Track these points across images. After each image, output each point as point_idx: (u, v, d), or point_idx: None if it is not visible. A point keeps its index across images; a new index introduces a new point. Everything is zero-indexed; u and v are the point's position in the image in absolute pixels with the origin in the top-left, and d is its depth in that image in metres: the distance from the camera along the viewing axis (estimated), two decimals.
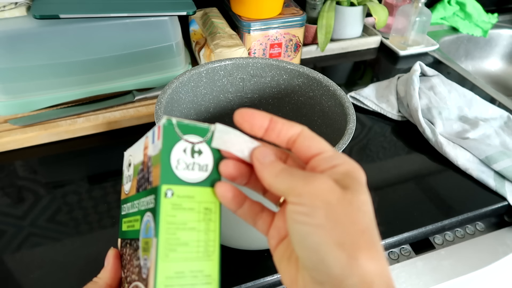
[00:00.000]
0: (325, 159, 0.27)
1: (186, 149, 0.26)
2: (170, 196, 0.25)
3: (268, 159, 0.28)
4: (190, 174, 0.26)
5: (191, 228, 0.26)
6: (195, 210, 0.26)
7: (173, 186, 0.26)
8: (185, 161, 0.26)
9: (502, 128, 0.73)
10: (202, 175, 0.27)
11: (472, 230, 0.61)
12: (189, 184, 0.26)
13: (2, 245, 0.51)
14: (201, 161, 0.27)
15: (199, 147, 0.27)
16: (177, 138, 0.26)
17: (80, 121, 0.67)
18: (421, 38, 0.96)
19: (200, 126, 0.27)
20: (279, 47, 0.83)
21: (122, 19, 0.64)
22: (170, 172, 0.26)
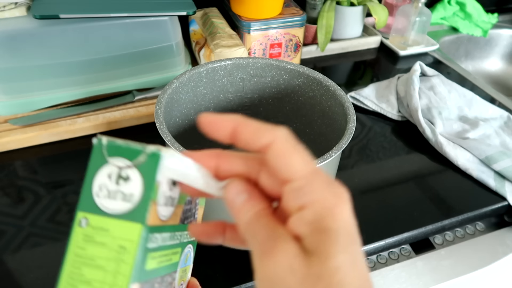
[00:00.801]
0: (293, 194, 0.21)
1: (111, 174, 0.22)
2: (84, 225, 0.22)
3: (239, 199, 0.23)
4: (110, 204, 0.22)
5: (98, 266, 0.22)
6: (107, 246, 0.22)
7: (89, 215, 0.22)
8: (108, 187, 0.22)
9: (502, 128, 0.73)
10: (124, 206, 0.22)
11: (472, 230, 0.61)
12: (106, 214, 0.22)
13: (2, 245, 0.51)
14: (126, 189, 0.22)
15: (127, 173, 0.22)
16: (103, 160, 0.23)
17: (80, 121, 0.67)
18: (421, 38, 0.96)
19: (132, 147, 0.23)
20: (279, 47, 0.83)
21: (122, 19, 0.64)
22: (90, 199, 0.22)
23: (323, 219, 0.20)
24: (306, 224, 0.20)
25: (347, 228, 0.21)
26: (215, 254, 0.51)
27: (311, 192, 0.21)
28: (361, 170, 0.65)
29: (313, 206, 0.20)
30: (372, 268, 0.55)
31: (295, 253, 0.20)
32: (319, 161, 0.41)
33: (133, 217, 0.22)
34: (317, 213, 0.20)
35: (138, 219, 0.22)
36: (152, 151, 0.22)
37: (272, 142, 0.22)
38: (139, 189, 0.22)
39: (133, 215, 0.22)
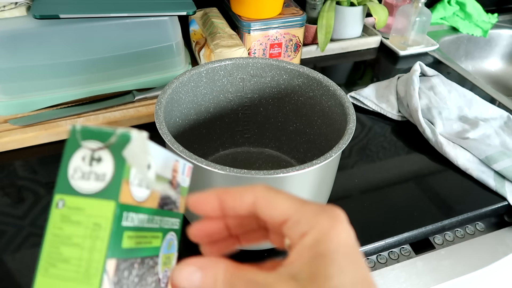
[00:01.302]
0: (293, 229, 0.22)
1: (85, 157, 0.24)
2: (61, 206, 0.23)
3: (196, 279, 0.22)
4: (84, 184, 0.23)
5: (75, 244, 0.23)
6: (82, 224, 0.23)
7: (66, 196, 0.23)
8: (82, 169, 0.24)
9: (502, 128, 0.73)
10: (97, 185, 0.23)
11: (472, 230, 0.61)
12: (81, 195, 0.23)
13: (2, 245, 0.51)
14: (98, 170, 0.24)
15: (99, 154, 0.24)
16: (77, 145, 0.24)
17: (80, 121, 0.67)
18: (421, 38, 0.96)
19: (103, 130, 0.24)
20: (279, 47, 0.83)
21: (122, 19, 0.64)
22: (66, 181, 0.24)
23: (320, 243, 0.21)
24: (306, 251, 0.21)
25: (346, 249, 0.21)
26: None
27: (308, 221, 0.21)
28: (361, 170, 0.65)
29: (311, 232, 0.21)
30: (372, 268, 0.55)
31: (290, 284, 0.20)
32: (319, 161, 0.41)
33: (106, 195, 0.23)
34: (316, 238, 0.21)
35: (111, 196, 0.23)
36: (122, 132, 0.23)
37: (255, 199, 0.23)
38: (111, 169, 0.23)
39: (105, 193, 0.23)
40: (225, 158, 0.63)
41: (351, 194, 0.61)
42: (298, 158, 0.63)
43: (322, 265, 0.20)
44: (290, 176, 0.41)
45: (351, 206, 0.59)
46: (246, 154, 0.64)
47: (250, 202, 0.23)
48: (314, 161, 0.41)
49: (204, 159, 0.41)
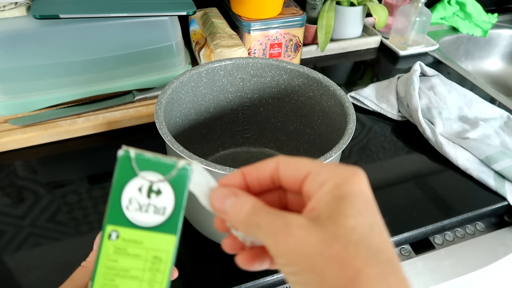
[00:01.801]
0: (313, 180, 0.23)
1: (142, 188, 0.23)
2: (115, 238, 0.23)
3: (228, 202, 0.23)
4: (142, 217, 0.23)
5: (133, 277, 0.23)
6: (141, 258, 0.23)
7: (120, 228, 0.23)
8: (138, 201, 0.23)
9: (502, 128, 0.73)
10: (157, 219, 0.23)
11: (472, 230, 0.61)
12: (139, 227, 0.23)
13: (2, 245, 0.51)
14: (158, 203, 0.23)
15: (158, 187, 0.23)
16: (132, 173, 0.23)
17: (80, 121, 0.67)
18: (421, 38, 0.96)
19: (163, 161, 0.23)
20: (279, 47, 0.83)
21: (122, 19, 0.64)
22: (119, 212, 0.23)
23: (341, 187, 0.22)
24: (326, 195, 0.22)
25: (364, 195, 0.22)
26: (215, 254, 0.51)
27: (327, 171, 0.22)
28: None
29: (331, 180, 0.22)
30: None
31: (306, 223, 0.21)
32: (319, 161, 0.41)
33: (166, 229, 0.23)
34: (336, 183, 0.22)
35: (171, 230, 0.23)
36: (183, 166, 0.23)
37: (277, 162, 0.24)
38: (171, 202, 0.23)
39: (166, 227, 0.23)
40: (225, 158, 0.63)
41: None
42: None
43: (341, 206, 0.21)
44: None
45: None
46: (246, 154, 0.64)
47: (273, 167, 0.24)
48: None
49: (204, 159, 0.41)
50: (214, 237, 0.51)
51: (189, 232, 0.53)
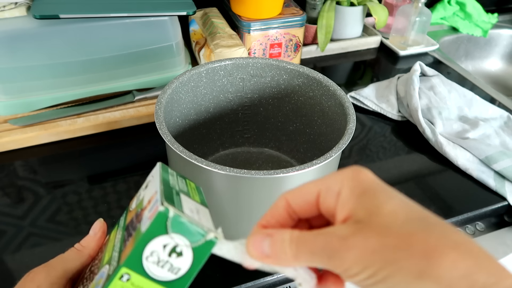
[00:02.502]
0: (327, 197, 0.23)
1: (167, 245, 0.24)
2: (125, 280, 0.24)
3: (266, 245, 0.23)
4: (157, 270, 0.25)
5: None
6: None
7: (133, 273, 0.24)
8: (159, 255, 0.24)
9: (502, 128, 0.73)
10: (169, 276, 0.25)
11: (472, 230, 0.61)
12: (150, 278, 0.25)
13: (2, 245, 0.51)
14: (175, 263, 0.25)
15: (182, 249, 0.24)
16: (163, 230, 0.24)
17: (80, 121, 0.67)
18: (421, 38, 0.96)
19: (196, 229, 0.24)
20: (279, 47, 0.83)
21: (122, 19, 0.64)
22: (138, 259, 0.24)
23: (356, 186, 0.22)
24: (349, 200, 0.22)
25: (377, 182, 0.23)
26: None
27: (335, 181, 0.23)
28: None
29: (344, 186, 0.23)
30: None
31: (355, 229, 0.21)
32: (319, 161, 0.41)
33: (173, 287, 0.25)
34: (350, 186, 0.22)
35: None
36: (210, 239, 0.24)
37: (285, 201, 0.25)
38: (187, 266, 0.25)
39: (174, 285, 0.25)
40: (225, 158, 0.63)
41: None
42: (298, 158, 0.63)
43: (370, 200, 0.22)
44: (290, 176, 0.41)
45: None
46: (246, 154, 0.64)
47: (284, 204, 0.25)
48: (314, 161, 0.41)
49: (204, 159, 0.41)
50: None
51: None
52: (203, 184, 0.44)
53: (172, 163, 0.48)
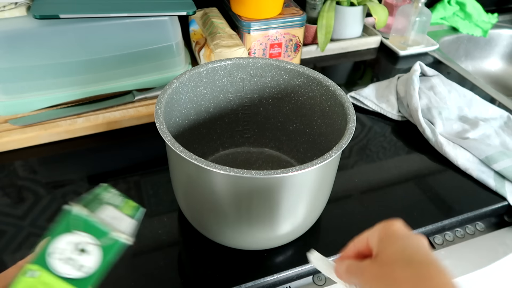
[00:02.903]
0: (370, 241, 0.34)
1: (71, 243, 0.26)
2: (32, 276, 0.25)
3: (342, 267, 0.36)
4: (61, 267, 0.25)
5: None
6: None
7: (40, 269, 0.25)
8: (65, 253, 0.25)
9: (502, 128, 0.73)
10: (75, 273, 0.26)
11: (472, 230, 0.61)
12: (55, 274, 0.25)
13: (2, 245, 0.51)
14: (80, 260, 0.26)
15: (87, 248, 0.26)
16: (68, 228, 0.26)
17: (80, 121, 0.67)
18: (421, 38, 0.96)
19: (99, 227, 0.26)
20: (279, 47, 0.83)
21: (122, 19, 0.64)
22: (43, 256, 0.25)
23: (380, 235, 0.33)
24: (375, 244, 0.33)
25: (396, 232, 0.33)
26: (215, 254, 0.51)
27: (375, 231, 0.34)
28: (361, 170, 0.65)
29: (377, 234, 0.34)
30: None
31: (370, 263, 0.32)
32: (319, 161, 0.41)
33: (80, 285, 0.26)
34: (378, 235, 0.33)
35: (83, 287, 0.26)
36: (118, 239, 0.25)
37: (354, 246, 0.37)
38: (94, 264, 0.26)
39: (80, 283, 0.25)
40: (225, 158, 0.63)
41: (351, 194, 0.60)
42: (298, 158, 0.63)
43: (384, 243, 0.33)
44: (290, 176, 0.41)
45: (351, 206, 0.59)
46: (246, 154, 0.64)
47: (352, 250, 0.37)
48: (314, 161, 0.41)
49: (204, 159, 0.41)
50: (214, 237, 0.51)
51: (189, 232, 0.53)
52: (203, 184, 0.44)
53: (172, 163, 0.48)
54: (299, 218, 0.49)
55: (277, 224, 0.47)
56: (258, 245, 0.51)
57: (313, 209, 0.50)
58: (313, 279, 0.52)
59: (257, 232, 0.47)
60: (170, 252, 0.52)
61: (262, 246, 0.51)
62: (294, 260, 0.51)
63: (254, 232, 0.47)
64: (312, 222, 0.52)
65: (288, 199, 0.44)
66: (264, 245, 0.51)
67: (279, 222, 0.47)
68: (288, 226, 0.48)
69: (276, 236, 0.49)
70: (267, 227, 0.47)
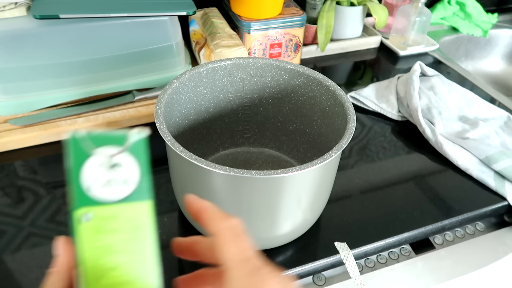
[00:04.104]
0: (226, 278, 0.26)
1: (102, 164, 0.23)
2: (87, 220, 0.23)
3: None
4: (109, 192, 0.23)
5: (117, 251, 0.23)
6: (121, 231, 0.23)
7: (91, 208, 0.23)
8: (101, 177, 0.23)
9: (502, 128, 0.73)
10: (125, 190, 0.23)
11: (472, 230, 0.61)
12: (109, 203, 0.23)
13: (2, 245, 0.51)
14: (122, 175, 0.23)
15: (117, 160, 0.23)
16: (87, 153, 0.23)
17: (80, 121, 0.67)
18: (421, 38, 0.96)
19: (115, 135, 0.23)
20: (279, 47, 0.83)
21: (122, 19, 0.64)
22: (83, 194, 0.23)
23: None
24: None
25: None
26: None
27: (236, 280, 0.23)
28: (361, 170, 0.65)
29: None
30: (372, 268, 0.54)
31: None
32: (319, 161, 0.41)
33: (137, 197, 0.23)
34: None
35: (143, 197, 0.23)
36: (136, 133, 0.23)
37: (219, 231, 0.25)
38: (136, 171, 0.23)
39: (136, 196, 0.23)
40: (225, 158, 0.63)
41: (351, 194, 0.60)
42: (298, 158, 0.63)
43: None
44: (290, 176, 0.41)
45: (351, 206, 0.59)
46: (246, 154, 0.64)
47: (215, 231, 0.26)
48: (314, 161, 0.41)
49: (204, 159, 0.41)
50: None
51: (189, 232, 0.53)
52: (203, 184, 0.44)
53: (172, 163, 0.48)
54: (299, 218, 0.49)
55: (277, 224, 0.47)
56: (258, 245, 0.51)
57: (313, 209, 0.50)
58: (313, 279, 0.52)
59: (257, 232, 0.47)
60: (170, 252, 0.52)
61: (262, 246, 0.51)
62: (294, 260, 0.51)
63: (254, 232, 0.47)
64: (312, 222, 0.52)
65: (288, 199, 0.44)
66: (264, 245, 0.51)
67: (279, 222, 0.47)
68: (288, 226, 0.48)
69: (276, 236, 0.49)
70: (267, 227, 0.47)
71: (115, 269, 0.23)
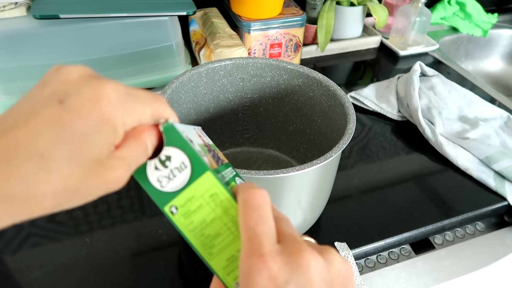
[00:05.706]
0: None
1: (156, 165, 0.26)
2: (176, 211, 0.26)
3: None
4: (175, 183, 0.26)
5: (211, 221, 0.26)
6: (204, 205, 0.26)
7: (172, 202, 0.26)
8: (163, 175, 0.26)
9: (502, 128, 0.73)
10: (185, 174, 0.26)
11: (472, 230, 0.61)
12: (181, 190, 0.26)
13: (2, 245, 0.51)
14: (175, 164, 0.26)
15: (164, 154, 0.26)
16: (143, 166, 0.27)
17: None
18: (421, 38, 0.96)
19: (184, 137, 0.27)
20: (279, 47, 0.83)
21: (122, 19, 0.64)
22: (159, 194, 0.26)
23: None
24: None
25: None
26: None
27: None
28: (361, 170, 0.65)
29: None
30: (372, 268, 0.54)
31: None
32: (319, 161, 0.41)
33: (198, 172, 0.26)
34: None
35: (202, 170, 0.26)
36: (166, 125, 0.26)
37: None
38: (183, 156, 0.26)
39: (197, 171, 0.26)
40: None
41: (351, 194, 0.61)
42: (298, 158, 0.63)
43: None
44: (290, 176, 0.41)
45: (351, 206, 0.59)
46: (246, 154, 0.64)
47: None
48: (314, 161, 0.41)
49: None
50: None
51: None
52: None
53: None
54: (299, 218, 0.49)
55: None
56: None
57: (313, 209, 0.50)
58: None
59: None
60: (170, 252, 0.52)
61: None
62: None
63: None
64: (312, 222, 0.52)
65: (288, 199, 0.44)
66: None
67: None
68: None
69: None
70: None
71: (218, 236, 0.26)
